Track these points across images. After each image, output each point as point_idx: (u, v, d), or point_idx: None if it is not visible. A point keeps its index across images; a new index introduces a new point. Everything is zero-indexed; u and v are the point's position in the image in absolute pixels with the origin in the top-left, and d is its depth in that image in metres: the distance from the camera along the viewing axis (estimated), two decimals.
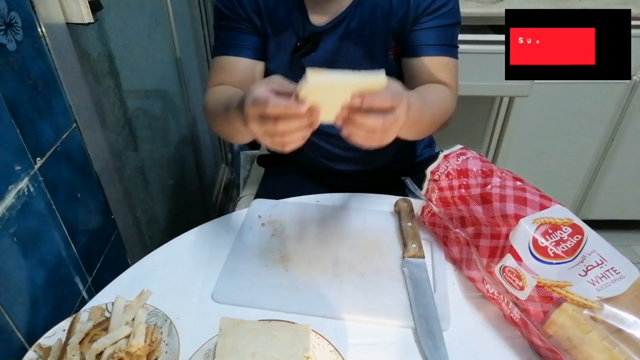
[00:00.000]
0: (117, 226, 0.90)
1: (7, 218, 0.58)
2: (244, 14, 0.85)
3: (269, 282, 0.67)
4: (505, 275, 0.58)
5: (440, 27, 0.83)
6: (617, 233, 1.85)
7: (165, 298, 0.64)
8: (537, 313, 0.54)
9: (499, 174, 0.66)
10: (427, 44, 0.83)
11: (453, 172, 0.70)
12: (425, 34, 0.83)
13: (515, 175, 0.66)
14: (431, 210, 0.74)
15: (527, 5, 1.44)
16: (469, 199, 0.67)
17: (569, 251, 0.56)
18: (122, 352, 0.53)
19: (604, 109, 1.52)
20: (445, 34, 0.84)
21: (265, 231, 0.77)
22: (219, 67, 0.87)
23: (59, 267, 0.70)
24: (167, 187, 1.34)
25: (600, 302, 0.52)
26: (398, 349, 0.59)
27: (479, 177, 0.67)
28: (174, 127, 1.42)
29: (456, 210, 0.69)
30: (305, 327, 0.53)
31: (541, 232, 0.58)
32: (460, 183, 0.69)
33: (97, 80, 0.88)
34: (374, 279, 0.68)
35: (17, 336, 0.59)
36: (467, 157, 0.71)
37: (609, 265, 0.55)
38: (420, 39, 0.83)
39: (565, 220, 0.59)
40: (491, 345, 0.59)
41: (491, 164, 0.69)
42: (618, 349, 0.49)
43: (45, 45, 0.67)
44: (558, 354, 0.52)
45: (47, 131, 0.67)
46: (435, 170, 0.72)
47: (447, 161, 0.71)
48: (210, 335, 0.56)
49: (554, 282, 0.54)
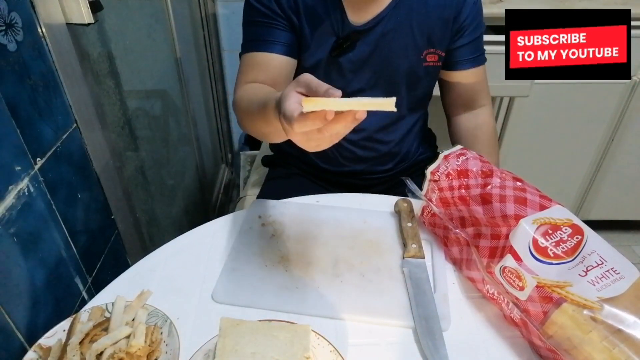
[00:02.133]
0: (117, 226, 0.90)
1: (7, 218, 0.58)
2: (280, 11, 0.83)
3: (269, 282, 0.67)
4: (505, 275, 0.58)
5: (475, 39, 0.91)
6: (617, 233, 1.85)
7: (165, 298, 0.64)
8: (537, 313, 0.54)
9: (499, 175, 0.66)
10: (465, 58, 0.92)
11: (453, 172, 0.70)
12: (465, 50, 0.91)
13: (515, 175, 0.66)
14: (431, 211, 0.74)
15: (527, 6, 1.44)
16: (469, 200, 0.67)
17: (569, 251, 0.56)
18: (122, 353, 0.53)
19: (604, 109, 1.52)
20: (479, 45, 0.93)
21: (265, 231, 0.77)
22: (250, 64, 0.84)
23: (59, 267, 0.70)
24: (167, 187, 1.34)
25: (600, 302, 0.52)
26: (398, 349, 0.59)
27: (479, 178, 0.67)
28: (174, 127, 1.41)
29: (456, 211, 0.69)
30: (305, 327, 0.53)
31: (541, 232, 0.58)
32: (460, 183, 0.69)
33: (97, 80, 0.88)
34: (374, 279, 0.68)
35: (17, 336, 0.59)
36: (467, 157, 0.71)
37: (609, 266, 0.55)
38: (461, 54, 0.91)
39: (565, 220, 0.59)
40: (491, 345, 0.59)
41: (491, 165, 0.69)
42: (618, 349, 0.49)
43: (46, 46, 0.67)
44: (558, 354, 0.52)
45: (47, 131, 0.68)
46: (435, 170, 0.72)
47: (447, 161, 0.71)
48: (210, 335, 0.56)
49: (554, 283, 0.54)
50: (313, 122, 0.45)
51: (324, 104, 0.45)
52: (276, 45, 0.83)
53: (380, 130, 0.96)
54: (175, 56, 1.39)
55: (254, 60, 0.84)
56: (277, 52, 0.83)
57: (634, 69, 1.42)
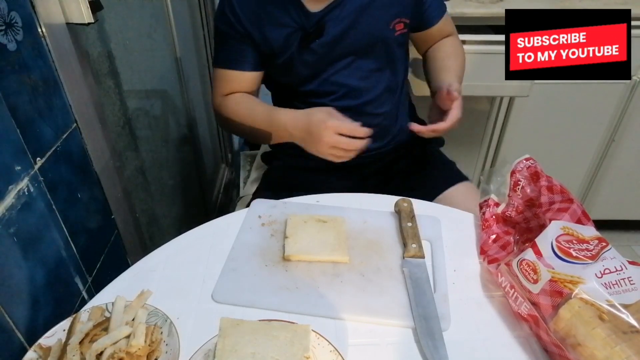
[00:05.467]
0: (117, 226, 0.90)
1: (7, 218, 0.58)
2: (242, 30, 0.91)
3: (269, 282, 0.67)
4: (522, 267, 0.59)
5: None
6: (617, 233, 1.85)
7: (165, 298, 0.64)
8: (546, 307, 0.55)
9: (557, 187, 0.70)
10: (434, 16, 1.01)
11: (524, 178, 0.73)
12: (432, 11, 1.00)
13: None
14: (512, 208, 0.75)
15: (527, 6, 1.44)
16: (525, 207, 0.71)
17: (592, 257, 0.58)
18: (122, 352, 0.53)
19: (604, 109, 1.52)
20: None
21: (265, 231, 0.77)
22: (224, 78, 0.98)
23: (59, 267, 0.70)
24: (167, 187, 1.34)
25: (608, 305, 0.52)
26: (398, 349, 0.59)
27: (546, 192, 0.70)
28: (174, 127, 1.41)
29: (521, 217, 0.72)
30: (305, 327, 0.53)
31: (566, 239, 0.60)
32: (530, 189, 0.72)
33: (97, 80, 0.88)
34: (374, 279, 0.68)
35: (17, 336, 0.59)
36: (533, 164, 0.74)
37: (627, 274, 0.55)
38: (430, 15, 1.00)
39: (593, 237, 0.61)
40: (491, 345, 0.59)
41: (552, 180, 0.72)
42: (620, 347, 0.50)
43: (45, 45, 0.67)
44: (563, 349, 0.52)
45: (47, 131, 0.67)
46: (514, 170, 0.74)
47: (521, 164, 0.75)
48: (210, 335, 0.56)
49: (567, 277, 0.55)
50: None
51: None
52: (245, 64, 0.95)
53: (369, 103, 0.99)
54: (175, 56, 1.39)
55: (226, 76, 0.97)
56: (247, 69, 0.96)
57: (634, 69, 1.42)
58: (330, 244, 0.72)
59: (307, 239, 0.72)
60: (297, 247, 0.71)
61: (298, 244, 0.71)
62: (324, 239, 0.72)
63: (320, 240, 0.72)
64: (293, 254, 0.70)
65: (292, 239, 0.72)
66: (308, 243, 0.72)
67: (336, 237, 0.73)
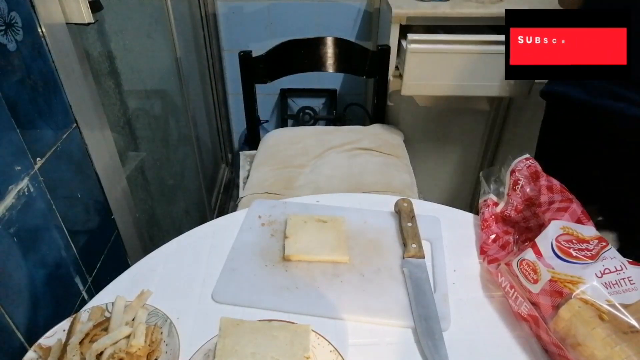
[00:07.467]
0: (117, 226, 0.90)
1: (7, 218, 0.58)
2: None
3: (269, 282, 0.67)
4: (522, 267, 0.59)
5: None
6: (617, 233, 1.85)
7: (165, 298, 0.64)
8: (546, 307, 0.55)
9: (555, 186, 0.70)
10: None
11: (523, 177, 0.73)
12: None
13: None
14: (510, 208, 0.75)
15: (527, 6, 1.44)
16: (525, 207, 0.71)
17: (592, 257, 0.58)
18: (122, 352, 0.53)
19: None
20: None
21: (265, 231, 0.77)
22: None
23: (59, 267, 0.70)
24: (167, 187, 1.34)
25: (608, 305, 0.52)
26: (398, 349, 0.59)
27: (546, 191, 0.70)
28: (174, 127, 1.42)
29: (520, 217, 0.72)
30: (305, 327, 0.53)
31: (565, 239, 0.60)
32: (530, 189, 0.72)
33: (97, 80, 0.88)
34: (374, 279, 0.68)
35: (17, 336, 0.59)
36: (533, 164, 0.74)
37: (627, 274, 0.55)
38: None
39: (593, 236, 0.61)
40: (491, 345, 0.59)
41: (552, 179, 0.72)
42: (619, 348, 0.50)
43: (45, 45, 0.67)
44: (563, 349, 0.52)
45: (47, 131, 0.68)
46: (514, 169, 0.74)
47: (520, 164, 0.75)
48: (210, 335, 0.56)
49: (567, 277, 0.55)
50: None
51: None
52: None
53: None
54: (175, 56, 1.39)
55: None
56: None
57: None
58: (330, 244, 0.72)
59: (307, 239, 0.72)
60: (297, 247, 0.71)
61: (298, 244, 0.72)
62: (324, 239, 0.72)
63: (320, 240, 0.72)
64: (293, 254, 0.70)
65: (292, 239, 0.72)
66: (308, 243, 0.72)
67: (336, 237, 0.73)
